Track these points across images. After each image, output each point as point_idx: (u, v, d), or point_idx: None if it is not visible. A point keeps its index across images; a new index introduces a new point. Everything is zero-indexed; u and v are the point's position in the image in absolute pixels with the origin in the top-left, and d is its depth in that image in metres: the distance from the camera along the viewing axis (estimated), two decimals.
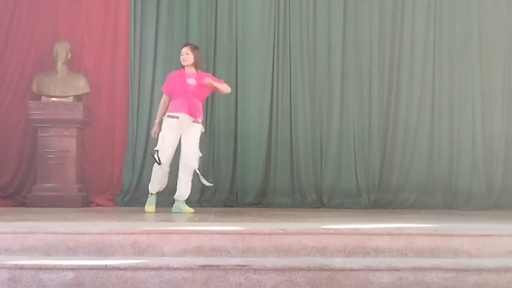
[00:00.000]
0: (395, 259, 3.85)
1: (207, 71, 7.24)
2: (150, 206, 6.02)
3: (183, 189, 5.97)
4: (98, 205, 6.96)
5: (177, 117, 5.85)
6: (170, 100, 6.01)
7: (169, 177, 6.08)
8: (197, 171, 5.99)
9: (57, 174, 6.71)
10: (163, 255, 3.82)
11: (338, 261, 3.74)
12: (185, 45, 6.17)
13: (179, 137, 5.93)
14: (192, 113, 5.86)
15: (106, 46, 7.25)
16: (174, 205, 6.02)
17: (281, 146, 7.24)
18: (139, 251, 3.84)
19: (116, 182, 7.17)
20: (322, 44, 7.34)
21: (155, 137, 6.04)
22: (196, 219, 5.14)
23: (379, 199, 7.20)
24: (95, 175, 7.15)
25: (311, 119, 7.28)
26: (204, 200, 7.10)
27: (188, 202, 7.05)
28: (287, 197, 7.16)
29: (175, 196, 6.01)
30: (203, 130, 6.09)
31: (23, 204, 6.74)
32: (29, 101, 6.80)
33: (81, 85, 6.92)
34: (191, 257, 3.79)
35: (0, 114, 7.01)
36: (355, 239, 3.93)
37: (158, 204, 6.84)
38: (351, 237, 3.93)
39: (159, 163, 5.85)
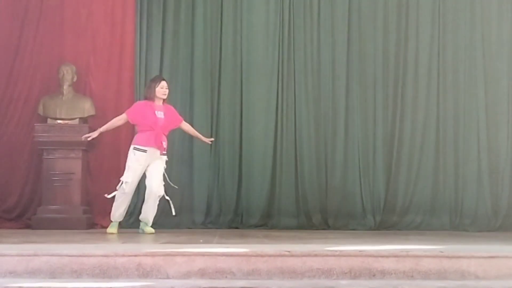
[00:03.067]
0: (402, 282, 3.80)
1: (212, 93, 7.30)
2: (113, 228, 6.18)
3: (151, 214, 6.14)
4: (103, 227, 6.93)
5: (145, 151, 6.01)
6: (124, 122, 6.21)
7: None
8: (167, 198, 6.17)
9: (62, 196, 6.74)
10: (168, 278, 3.79)
11: (344, 284, 3.70)
12: (163, 79, 6.30)
13: (145, 168, 6.08)
14: (159, 147, 6.03)
15: (111, 69, 7.31)
16: (141, 226, 6.21)
17: (286, 168, 7.23)
18: (144, 274, 3.80)
19: None
20: (326, 64, 7.37)
21: (84, 139, 6.18)
22: (201, 241, 5.12)
23: (385, 220, 7.16)
24: (100, 197, 7.08)
25: (315, 141, 7.28)
26: (209, 221, 7.10)
27: (193, 223, 7.10)
28: (292, 218, 7.13)
29: (142, 218, 6.20)
30: (167, 159, 6.22)
31: (28, 226, 6.74)
32: (35, 124, 6.85)
33: (86, 108, 6.97)
34: (196, 280, 3.76)
35: (6, 136, 7.06)
36: (361, 261, 3.88)
37: (163, 226, 6.90)
38: (356, 259, 3.89)
39: (122, 192, 6.06)
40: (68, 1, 7.29)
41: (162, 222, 7.00)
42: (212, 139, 6.56)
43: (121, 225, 6.39)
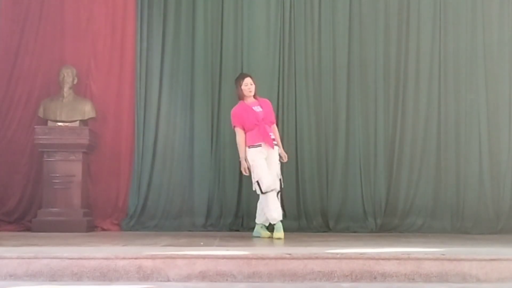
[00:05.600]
0: (403, 284, 3.81)
1: (213, 96, 7.29)
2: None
3: (274, 212, 5.92)
4: (103, 229, 6.96)
5: (259, 145, 5.95)
6: (245, 133, 6.06)
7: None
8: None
9: (63, 198, 6.72)
10: (168, 280, 3.80)
11: (345, 286, 3.70)
12: (246, 75, 6.24)
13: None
14: (267, 141, 5.95)
15: (112, 71, 7.29)
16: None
17: (286, 170, 7.18)
18: (144, 276, 3.81)
19: (121, 207, 7.15)
20: (327, 67, 7.34)
21: (246, 173, 6.04)
22: (202, 243, 5.12)
23: (386, 223, 7.13)
24: (100, 200, 7.14)
25: (316, 143, 7.26)
26: (210, 224, 7.07)
27: (194, 226, 7.06)
28: (293, 221, 7.07)
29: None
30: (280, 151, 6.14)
31: (28, 229, 6.72)
32: (35, 126, 6.84)
33: (87, 110, 6.95)
34: (197, 282, 3.77)
35: (6, 139, 7.04)
36: (362, 264, 3.89)
37: (163, 229, 6.88)
38: (358, 262, 3.90)
39: (263, 192, 5.90)
40: (69, 4, 7.27)
41: (162, 224, 7.00)
42: (286, 159, 6.22)
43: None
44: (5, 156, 7.00)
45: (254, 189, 6.01)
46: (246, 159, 5.98)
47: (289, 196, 7.13)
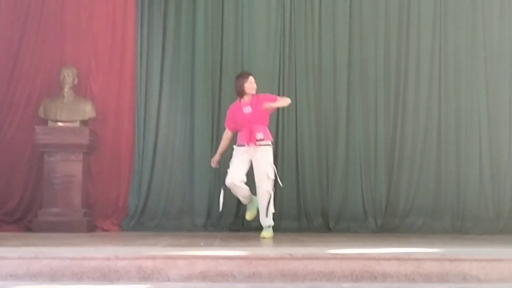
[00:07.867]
0: (403, 284, 3.81)
1: (213, 96, 7.28)
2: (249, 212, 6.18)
3: (262, 216, 6.00)
4: (103, 230, 6.96)
5: (243, 145, 5.95)
6: (232, 134, 6.16)
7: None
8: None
9: (63, 199, 6.73)
10: (168, 280, 3.79)
11: (346, 286, 3.70)
12: (250, 74, 6.21)
13: (250, 162, 5.98)
14: (251, 141, 5.91)
15: (112, 71, 7.30)
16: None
17: (287, 170, 7.20)
18: (145, 276, 3.81)
19: (121, 207, 7.16)
20: (328, 67, 7.35)
21: (214, 166, 6.22)
22: (202, 244, 5.12)
23: (386, 223, 7.14)
24: (100, 200, 7.15)
25: (317, 143, 7.26)
26: (210, 224, 7.08)
27: (194, 226, 7.06)
28: (293, 221, 7.10)
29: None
30: (269, 145, 6.08)
31: (28, 229, 6.73)
32: (35, 126, 6.84)
33: (87, 110, 6.96)
34: (197, 283, 3.76)
35: (7, 139, 7.05)
36: (363, 264, 3.88)
37: (164, 229, 6.88)
38: (358, 262, 3.89)
39: (225, 184, 5.95)
40: (69, 4, 7.29)
41: (163, 225, 7.00)
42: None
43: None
44: (5, 156, 7.00)
45: None
46: (218, 154, 6.20)
47: (289, 196, 7.15)
